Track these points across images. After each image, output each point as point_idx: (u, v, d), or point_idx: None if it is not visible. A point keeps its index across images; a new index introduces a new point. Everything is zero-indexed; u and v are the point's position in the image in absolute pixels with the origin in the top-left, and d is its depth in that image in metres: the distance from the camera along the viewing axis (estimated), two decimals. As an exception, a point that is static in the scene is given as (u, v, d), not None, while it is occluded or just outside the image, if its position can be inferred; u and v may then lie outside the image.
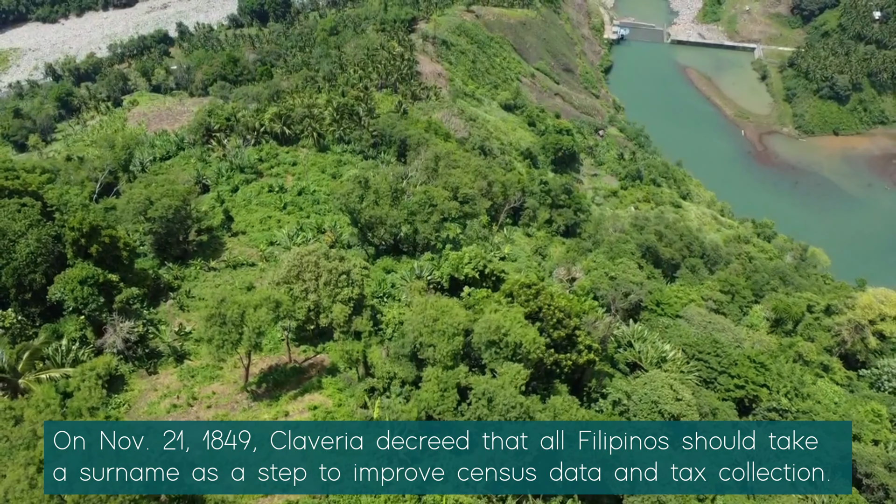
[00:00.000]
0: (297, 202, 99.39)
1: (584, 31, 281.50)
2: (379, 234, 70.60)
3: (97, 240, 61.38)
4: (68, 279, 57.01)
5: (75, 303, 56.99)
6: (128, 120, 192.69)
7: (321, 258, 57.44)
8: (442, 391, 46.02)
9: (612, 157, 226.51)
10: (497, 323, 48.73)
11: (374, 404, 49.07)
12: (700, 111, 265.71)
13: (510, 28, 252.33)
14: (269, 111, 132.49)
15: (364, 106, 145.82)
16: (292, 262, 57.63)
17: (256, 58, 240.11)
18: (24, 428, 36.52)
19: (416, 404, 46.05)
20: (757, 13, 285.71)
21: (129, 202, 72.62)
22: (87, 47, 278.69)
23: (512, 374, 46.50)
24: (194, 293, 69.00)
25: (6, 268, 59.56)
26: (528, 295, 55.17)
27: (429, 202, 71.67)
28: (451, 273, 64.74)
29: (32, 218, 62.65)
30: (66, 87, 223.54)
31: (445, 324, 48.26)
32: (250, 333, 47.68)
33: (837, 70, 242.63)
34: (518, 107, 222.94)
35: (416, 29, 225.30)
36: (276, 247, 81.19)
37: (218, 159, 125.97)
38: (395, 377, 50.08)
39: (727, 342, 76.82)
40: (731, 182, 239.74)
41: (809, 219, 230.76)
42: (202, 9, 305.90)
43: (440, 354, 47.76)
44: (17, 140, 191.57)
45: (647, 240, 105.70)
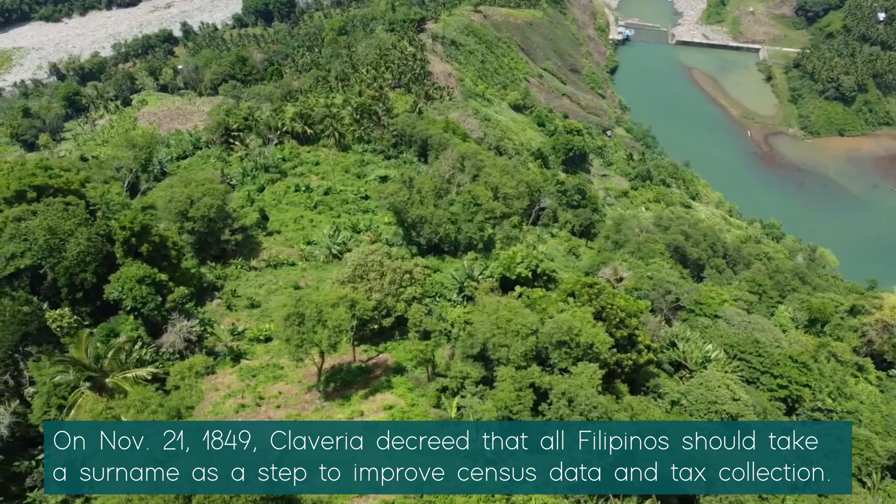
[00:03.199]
0: (327, 202, 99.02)
1: (590, 32, 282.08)
2: (424, 234, 70.39)
3: (147, 239, 60.93)
4: (126, 278, 56.47)
5: (134, 302, 56.44)
6: (138, 119, 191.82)
7: (385, 257, 57.20)
8: (517, 391, 45.84)
9: (621, 157, 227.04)
10: (569, 323, 48.58)
11: (451, 404, 48.80)
12: (705, 112, 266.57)
13: (517, 28, 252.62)
14: (290, 111, 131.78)
15: (382, 106, 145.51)
16: (357, 261, 57.34)
17: (264, 57, 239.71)
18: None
19: (494, 404, 45.85)
20: (761, 14, 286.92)
21: (170, 201, 72.05)
22: (90, 47, 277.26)
23: (589, 373, 46.36)
24: (240, 293, 68.55)
25: (58, 267, 59.01)
26: (590, 294, 55.07)
27: (473, 201, 71.47)
28: (502, 273, 64.56)
29: (80, 217, 62.10)
30: (74, 87, 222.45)
31: (518, 324, 48.11)
32: (330, 332, 47.34)
33: (843, 71, 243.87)
34: (527, 107, 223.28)
35: (425, 29, 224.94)
36: (314, 246, 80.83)
37: (239, 159, 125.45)
38: (467, 377, 49.91)
39: (767, 342, 76.88)
40: (737, 183, 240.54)
41: (815, 220, 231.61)
42: (206, 8, 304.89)
43: (514, 355, 47.58)
44: (27, 140, 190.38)
45: (674, 239, 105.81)
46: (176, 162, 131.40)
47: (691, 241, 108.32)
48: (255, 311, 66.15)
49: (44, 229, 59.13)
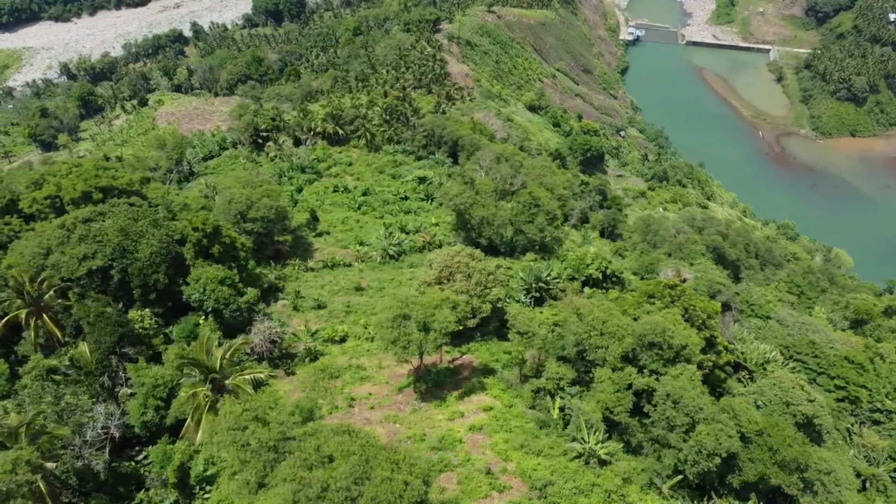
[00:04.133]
0: (369, 202, 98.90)
1: (601, 33, 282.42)
2: (486, 235, 70.36)
3: (219, 240, 60.75)
4: (208, 280, 56.25)
5: (216, 304, 56.23)
6: (156, 119, 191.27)
7: (470, 259, 57.13)
8: (616, 391, 45.87)
9: (636, 158, 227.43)
10: (662, 325, 48.63)
11: (553, 405, 48.73)
12: (716, 112, 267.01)
13: (530, 29, 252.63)
14: (322, 112, 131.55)
15: (409, 107, 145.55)
16: (443, 262, 57.23)
17: (277, 58, 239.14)
18: (273, 430, 35.81)
19: (596, 405, 45.88)
20: (770, 15, 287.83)
21: (230, 202, 71.81)
22: (100, 46, 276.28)
23: (688, 375, 46.44)
24: (303, 293, 68.35)
25: (131, 268, 58.75)
26: (672, 296, 55.15)
27: (534, 203, 71.52)
28: (571, 274, 64.57)
29: (150, 217, 61.88)
30: (88, 87, 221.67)
31: (615, 325, 48.13)
32: (436, 335, 47.21)
33: (854, 72, 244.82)
34: (542, 108, 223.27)
35: (440, 29, 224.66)
36: (367, 247, 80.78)
37: (270, 160, 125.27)
38: (563, 378, 49.90)
39: (822, 343, 77.10)
40: (750, 183, 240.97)
41: (828, 220, 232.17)
42: (215, 8, 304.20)
43: (611, 356, 47.61)
44: (44, 139, 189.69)
45: (713, 240, 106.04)
46: (203, 162, 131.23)
47: (728, 241, 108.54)
48: (321, 311, 65.96)
49: (116, 230, 58.87)
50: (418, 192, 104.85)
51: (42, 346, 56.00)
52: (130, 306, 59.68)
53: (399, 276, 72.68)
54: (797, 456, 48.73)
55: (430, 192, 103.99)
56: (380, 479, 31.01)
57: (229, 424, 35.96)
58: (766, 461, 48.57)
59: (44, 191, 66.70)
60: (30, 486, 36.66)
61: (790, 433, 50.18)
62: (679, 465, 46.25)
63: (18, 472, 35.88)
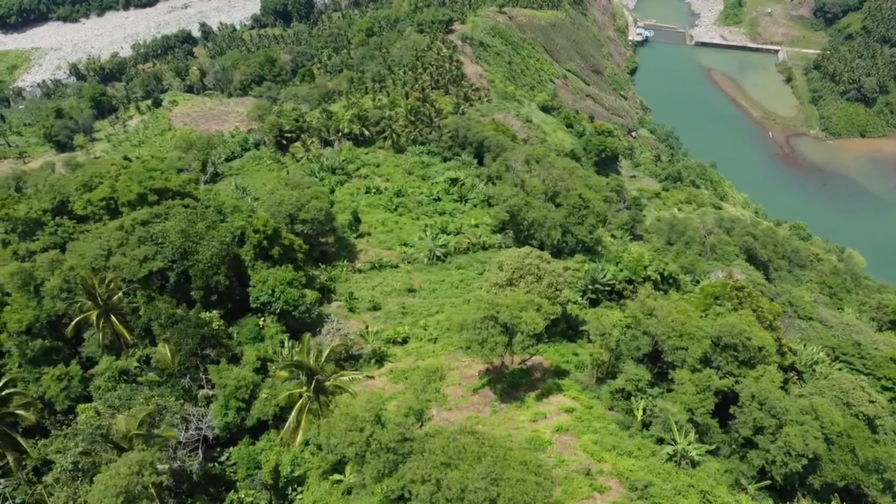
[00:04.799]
0: (405, 204, 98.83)
1: (610, 33, 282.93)
2: (539, 237, 70.44)
3: (278, 242, 60.75)
4: (276, 281, 56.23)
5: (285, 305, 56.21)
6: (172, 120, 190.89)
7: (540, 261, 57.19)
8: (698, 393, 46.02)
9: (648, 158, 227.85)
10: (739, 326, 48.81)
11: (637, 406, 48.83)
12: (726, 113, 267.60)
13: (541, 29, 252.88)
14: (348, 113, 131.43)
15: (431, 108, 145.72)
16: (514, 264, 57.29)
17: (289, 58, 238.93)
18: (392, 431, 35.80)
19: (680, 407, 46.02)
20: (778, 15, 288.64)
21: (280, 204, 71.74)
22: (109, 47, 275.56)
23: (769, 376, 46.62)
24: (356, 294, 68.36)
25: (193, 269, 58.68)
26: (739, 297, 55.34)
27: (583, 204, 71.65)
28: (628, 276, 64.73)
29: (210, 219, 61.85)
30: (100, 88, 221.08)
31: (694, 326, 48.30)
32: (523, 336, 47.28)
33: (864, 73, 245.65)
34: (555, 108, 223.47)
35: (453, 30, 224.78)
36: (411, 248, 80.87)
37: (294, 160, 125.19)
38: (641, 379, 50.04)
39: (867, 344, 77.38)
40: (760, 183, 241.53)
41: (839, 220, 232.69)
42: (223, 9, 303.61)
43: (692, 357, 47.76)
44: (60, 140, 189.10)
45: (744, 241, 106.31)
46: (226, 163, 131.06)
47: (759, 242, 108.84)
48: (377, 313, 65.98)
49: (178, 232, 58.80)
50: (451, 194, 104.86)
51: (107, 347, 55.91)
52: (190, 308, 59.58)
53: (449, 278, 72.76)
54: (878, 457, 48.99)
55: (464, 194, 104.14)
56: (515, 480, 31.10)
57: (347, 426, 35.93)
58: (847, 462, 48.82)
59: (98, 193, 66.54)
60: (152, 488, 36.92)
61: (869, 434, 50.44)
62: (766, 466, 46.45)
63: (144, 474, 35.94)
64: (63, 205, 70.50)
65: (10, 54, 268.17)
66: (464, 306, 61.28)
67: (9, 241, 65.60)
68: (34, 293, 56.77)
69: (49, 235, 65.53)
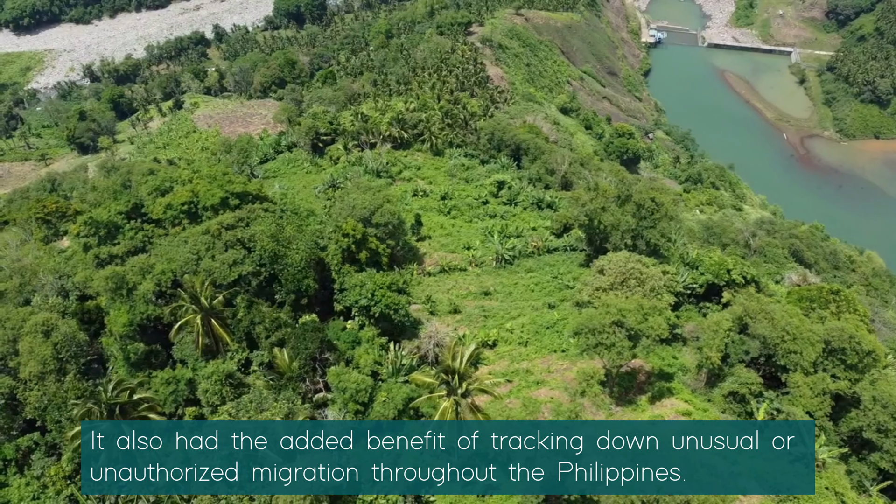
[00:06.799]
0: (458, 207, 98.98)
1: (623, 35, 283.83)
2: (614, 241, 70.66)
3: (365, 246, 60.84)
4: (375, 285, 56.26)
5: (386, 309, 56.25)
6: (195, 122, 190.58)
7: (642, 265, 57.43)
8: (815, 396, 46.35)
9: (667, 160, 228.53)
10: (849, 330, 49.17)
11: (760, 409, 49.10)
12: (740, 114, 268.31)
13: (557, 31, 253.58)
14: (387, 116, 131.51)
15: (465, 111, 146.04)
16: (617, 269, 57.53)
17: (306, 60, 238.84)
18: None
19: (800, 409, 46.34)
20: (791, 17, 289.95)
21: (353, 208, 71.71)
22: (121, 49, 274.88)
23: (886, 379, 47.00)
24: (434, 298, 68.47)
25: (283, 273, 58.71)
26: (838, 301, 55.70)
27: (655, 206, 71.92)
28: (709, 280, 65.02)
29: (296, 223, 61.91)
30: (118, 90, 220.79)
31: (808, 330, 48.62)
32: (649, 341, 47.55)
33: (878, 74, 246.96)
34: (573, 110, 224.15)
35: (472, 32, 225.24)
36: (474, 251, 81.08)
37: (331, 163, 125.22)
38: (753, 382, 50.36)
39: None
40: (776, 185, 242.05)
41: (855, 222, 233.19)
42: (235, 10, 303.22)
43: (805, 361, 48.09)
44: (83, 142, 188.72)
45: (791, 243, 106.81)
46: (261, 165, 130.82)
47: (804, 243, 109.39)
48: (458, 316, 66.07)
49: (269, 236, 58.81)
50: (499, 197, 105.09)
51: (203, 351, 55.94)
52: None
53: (521, 281, 72.93)
54: None
55: (512, 197, 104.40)
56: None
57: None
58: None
59: (179, 197, 66.44)
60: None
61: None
62: (891, 468, 46.86)
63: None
64: (136, 208, 70.43)
65: (24, 56, 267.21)
66: (562, 310, 61.42)
67: (90, 244, 65.54)
68: (126, 297, 56.75)
69: (129, 240, 65.48)
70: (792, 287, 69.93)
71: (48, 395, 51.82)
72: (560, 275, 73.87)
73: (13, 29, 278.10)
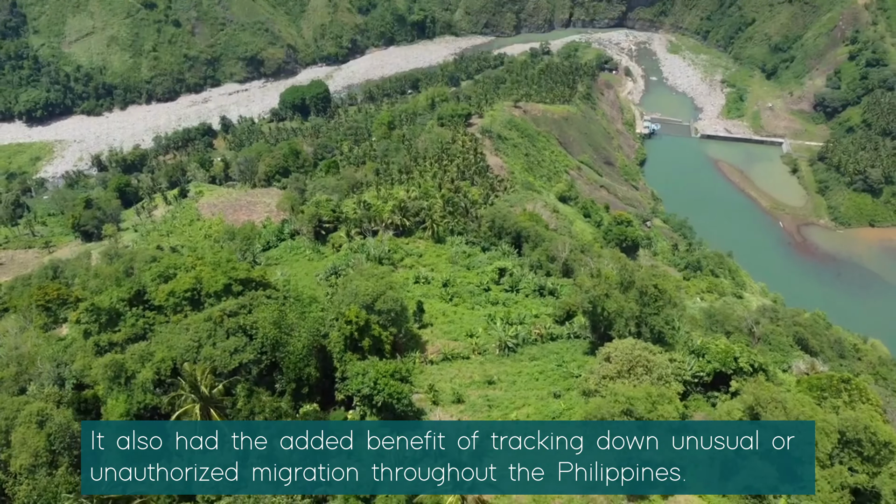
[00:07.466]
0: (460, 293, 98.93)
1: (619, 126, 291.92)
2: (619, 328, 70.26)
3: (368, 333, 60.33)
4: (378, 373, 55.44)
5: (389, 398, 55.22)
6: (200, 210, 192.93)
7: (649, 353, 56.82)
8: (833, 491, 44.90)
9: (666, 247, 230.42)
10: (864, 421, 48.16)
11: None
12: (735, 202, 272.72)
13: (554, 123, 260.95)
14: (389, 204, 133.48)
15: (465, 199, 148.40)
16: (624, 356, 56.87)
17: (310, 150, 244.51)
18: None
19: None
20: (780, 109, 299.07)
21: (356, 295, 71.60)
22: (130, 139, 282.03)
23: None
24: (437, 387, 67.38)
25: (285, 361, 57.97)
26: (850, 390, 54.79)
27: (658, 293, 71.87)
28: (716, 368, 64.21)
29: (298, 310, 61.60)
30: (125, 178, 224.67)
31: (822, 420, 47.60)
32: None
33: (869, 164, 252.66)
34: (572, 198, 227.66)
35: (472, 124, 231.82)
36: (476, 339, 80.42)
37: (333, 250, 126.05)
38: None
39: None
40: (775, 272, 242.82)
41: (856, 309, 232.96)
42: (242, 102, 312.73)
43: (822, 453, 46.84)
44: (87, 230, 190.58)
45: (797, 331, 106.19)
46: (263, 252, 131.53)
47: (808, 331, 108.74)
48: (461, 406, 64.83)
49: (271, 323, 58.41)
50: (500, 283, 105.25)
51: (200, 443, 54.35)
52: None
53: (525, 369, 71.97)
54: None
55: (514, 283, 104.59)
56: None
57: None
58: None
59: (182, 283, 66.43)
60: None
61: None
62: None
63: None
64: (139, 295, 70.27)
65: (35, 146, 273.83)
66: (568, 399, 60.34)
67: (90, 331, 65.10)
68: (124, 385, 55.84)
69: (129, 326, 65.04)
70: (801, 375, 68.98)
71: (38, 489, 50.19)
72: (565, 363, 72.99)
73: (26, 120, 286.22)
